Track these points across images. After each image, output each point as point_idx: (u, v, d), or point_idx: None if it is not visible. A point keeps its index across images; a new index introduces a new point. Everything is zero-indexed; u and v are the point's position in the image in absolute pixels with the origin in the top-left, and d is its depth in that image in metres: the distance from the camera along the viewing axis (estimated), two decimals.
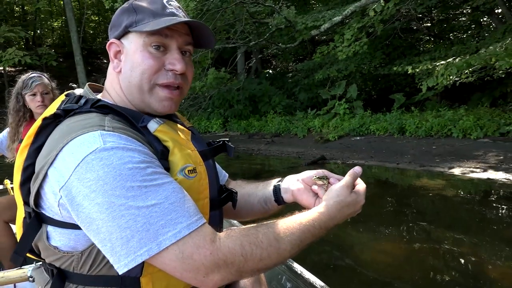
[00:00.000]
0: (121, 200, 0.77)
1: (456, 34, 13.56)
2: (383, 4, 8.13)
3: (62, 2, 21.17)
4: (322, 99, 12.95)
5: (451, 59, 7.31)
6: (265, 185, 1.21)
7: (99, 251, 0.84)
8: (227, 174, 1.25)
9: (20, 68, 17.29)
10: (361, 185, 1.04)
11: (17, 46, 18.53)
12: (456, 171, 6.91)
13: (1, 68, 17.75)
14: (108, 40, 0.99)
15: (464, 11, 13.42)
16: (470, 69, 7.09)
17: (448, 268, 3.54)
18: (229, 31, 12.91)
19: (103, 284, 0.87)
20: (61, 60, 23.07)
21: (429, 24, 14.29)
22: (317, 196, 1.08)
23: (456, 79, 7.54)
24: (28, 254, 0.96)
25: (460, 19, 13.90)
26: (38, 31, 24.52)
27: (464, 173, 6.73)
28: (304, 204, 1.10)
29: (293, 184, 1.14)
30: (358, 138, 10.38)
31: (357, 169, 1.05)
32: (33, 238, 0.91)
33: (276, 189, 1.16)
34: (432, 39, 13.93)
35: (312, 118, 12.24)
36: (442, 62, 7.24)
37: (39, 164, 0.87)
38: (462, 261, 3.66)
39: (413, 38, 13.76)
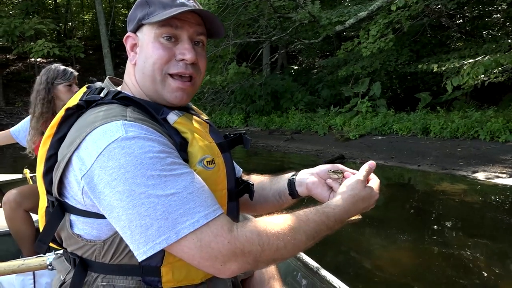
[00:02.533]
0: (141, 188, 0.78)
1: (490, 32, 12.91)
2: None
3: None
4: (345, 96, 12.68)
5: (480, 57, 6.95)
6: (279, 179, 1.21)
7: (121, 240, 0.86)
8: (241, 169, 1.26)
9: (50, 59, 17.74)
10: (374, 180, 1.05)
11: (48, 38, 19.05)
12: (480, 175, 6.60)
13: (33, 59, 18.31)
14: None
15: (499, 8, 12.78)
16: (500, 68, 6.72)
17: (468, 277, 3.42)
18: (253, 26, 12.79)
19: (125, 273, 0.89)
20: (90, 52, 23.60)
21: (460, 21, 13.67)
22: (332, 189, 1.09)
23: (485, 78, 7.17)
24: (50, 244, 0.98)
25: (494, 16, 13.23)
26: (70, 23, 25.15)
27: (489, 178, 6.41)
28: (319, 197, 1.11)
29: (307, 177, 1.14)
30: (379, 137, 10.11)
31: (371, 163, 1.06)
32: (56, 227, 0.93)
33: (291, 183, 1.17)
34: (464, 36, 13.33)
35: (334, 115, 12.02)
36: (470, 60, 6.89)
37: (62, 153, 0.88)
38: (484, 270, 3.51)
39: (443, 36, 13.20)
